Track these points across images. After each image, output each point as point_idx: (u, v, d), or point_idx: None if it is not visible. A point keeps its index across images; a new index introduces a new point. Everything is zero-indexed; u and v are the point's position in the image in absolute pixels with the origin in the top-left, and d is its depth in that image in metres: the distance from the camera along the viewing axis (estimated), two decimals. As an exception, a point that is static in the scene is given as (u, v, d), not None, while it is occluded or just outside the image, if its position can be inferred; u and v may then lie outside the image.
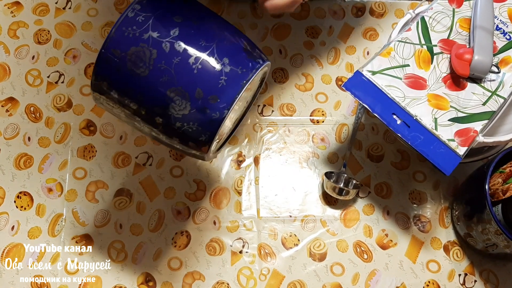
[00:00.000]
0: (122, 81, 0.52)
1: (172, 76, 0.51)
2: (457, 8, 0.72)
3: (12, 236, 0.74)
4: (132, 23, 0.51)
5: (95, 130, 0.81)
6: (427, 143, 0.62)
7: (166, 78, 0.51)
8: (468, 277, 0.74)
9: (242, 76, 0.52)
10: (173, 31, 0.51)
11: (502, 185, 0.66)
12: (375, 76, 0.65)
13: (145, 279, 0.73)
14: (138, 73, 0.51)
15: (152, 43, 0.51)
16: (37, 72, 0.84)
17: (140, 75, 0.51)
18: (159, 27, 0.51)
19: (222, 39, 0.53)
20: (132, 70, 0.51)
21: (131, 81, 0.52)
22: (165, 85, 0.51)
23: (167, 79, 0.51)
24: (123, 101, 0.54)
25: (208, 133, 0.53)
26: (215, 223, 0.76)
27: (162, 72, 0.51)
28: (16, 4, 0.89)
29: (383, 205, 0.78)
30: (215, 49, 0.52)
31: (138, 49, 0.51)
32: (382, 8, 0.91)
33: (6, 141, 0.79)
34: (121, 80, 0.52)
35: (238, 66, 0.52)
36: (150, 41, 0.51)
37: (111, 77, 0.53)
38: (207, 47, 0.52)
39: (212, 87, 0.51)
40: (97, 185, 0.78)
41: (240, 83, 0.52)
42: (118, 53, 0.51)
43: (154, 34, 0.51)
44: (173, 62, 0.51)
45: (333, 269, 0.74)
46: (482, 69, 0.65)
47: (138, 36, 0.51)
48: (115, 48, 0.51)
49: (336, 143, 0.82)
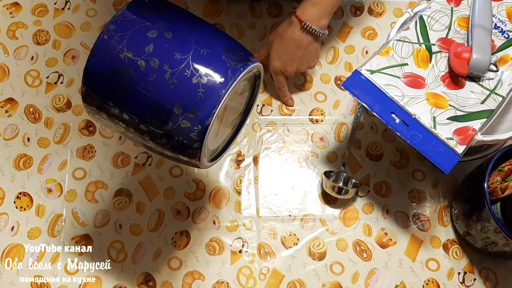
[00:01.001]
0: (107, 102, 0.53)
1: (150, 94, 0.51)
2: (456, 7, 0.72)
3: (12, 236, 0.74)
4: (108, 45, 0.51)
5: (95, 131, 0.81)
6: (426, 141, 0.62)
7: (144, 96, 0.51)
8: (468, 275, 0.75)
9: (221, 86, 0.51)
10: (148, 47, 0.51)
11: (501, 183, 0.66)
12: (373, 75, 0.65)
13: (145, 279, 0.73)
14: (119, 93, 0.52)
15: (128, 62, 0.51)
16: (36, 73, 0.84)
17: (121, 94, 0.52)
18: (134, 45, 0.51)
19: (199, 49, 0.52)
20: (113, 91, 0.52)
21: (115, 101, 0.52)
22: (145, 103, 0.51)
23: (146, 97, 0.51)
24: (111, 119, 0.54)
25: (195, 146, 0.52)
26: (215, 222, 0.76)
27: (141, 90, 0.51)
28: (15, 5, 0.89)
29: (383, 204, 0.78)
30: (191, 61, 0.51)
31: (116, 69, 0.51)
32: (380, 7, 0.91)
33: (5, 142, 0.80)
34: (105, 101, 0.53)
35: (216, 75, 0.51)
36: (126, 61, 0.51)
37: (96, 97, 0.53)
38: (182, 60, 0.51)
39: (190, 101, 0.50)
40: (96, 185, 0.78)
41: (219, 93, 0.51)
42: (99, 75, 0.52)
43: (129, 54, 0.51)
44: (150, 80, 0.51)
45: (332, 268, 0.74)
46: (480, 67, 0.65)
47: (115, 57, 0.51)
48: (96, 71, 0.52)
49: (335, 142, 0.82)
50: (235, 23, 0.88)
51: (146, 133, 0.53)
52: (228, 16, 0.89)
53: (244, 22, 0.88)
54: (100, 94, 0.53)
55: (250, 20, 0.89)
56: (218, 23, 0.89)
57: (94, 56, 0.52)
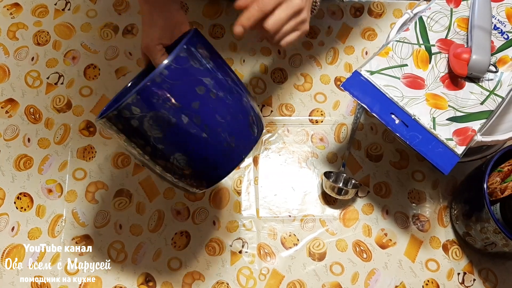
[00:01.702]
0: (134, 134, 0.53)
1: (183, 143, 0.54)
2: (455, 8, 0.72)
3: (12, 237, 0.74)
4: (158, 89, 0.51)
5: (95, 131, 0.81)
6: (425, 142, 0.62)
7: (177, 144, 0.54)
8: (467, 276, 0.75)
9: (242, 151, 0.57)
10: (194, 104, 0.53)
11: (500, 184, 0.66)
12: (373, 76, 0.65)
13: (145, 279, 0.73)
14: (150, 134, 0.53)
15: (173, 112, 0.52)
16: (36, 73, 0.84)
17: (153, 136, 0.53)
18: (182, 98, 0.52)
19: (235, 115, 0.56)
20: (146, 130, 0.52)
21: (142, 137, 0.53)
22: (175, 149, 0.54)
23: (178, 145, 0.54)
24: (129, 144, 0.55)
25: (201, 188, 0.58)
26: (215, 223, 0.76)
27: (175, 138, 0.53)
28: (15, 6, 0.89)
29: (382, 204, 0.78)
30: (226, 126, 0.55)
31: (159, 113, 0.52)
32: (380, 8, 0.91)
33: (6, 142, 0.80)
34: (132, 133, 0.53)
35: (241, 143, 0.57)
36: (172, 110, 0.52)
37: (126, 124, 0.53)
38: (220, 124, 0.54)
39: (216, 159, 0.55)
40: (96, 186, 0.78)
41: (239, 159, 0.57)
42: (137, 112, 0.52)
43: (176, 105, 0.52)
44: (189, 132, 0.53)
45: (332, 269, 0.74)
46: (480, 68, 0.65)
47: (162, 103, 0.51)
48: (135, 107, 0.51)
49: (335, 143, 0.82)
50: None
51: (161, 166, 0.55)
52: (228, 16, 0.89)
53: (244, 23, 0.88)
54: (131, 126, 0.53)
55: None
56: (218, 24, 0.89)
57: (141, 94, 0.51)
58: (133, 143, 0.54)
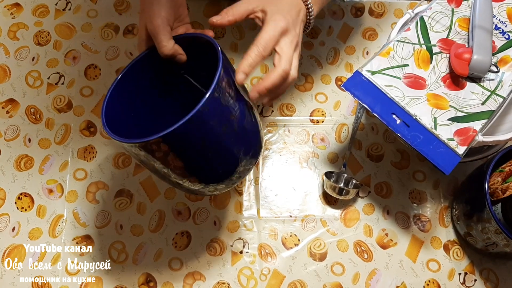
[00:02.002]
0: (157, 159, 0.54)
1: (199, 169, 0.57)
2: (456, 7, 0.72)
3: (13, 237, 0.74)
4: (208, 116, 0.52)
5: (95, 131, 0.81)
6: (426, 142, 0.62)
7: (195, 169, 0.57)
8: (468, 276, 0.75)
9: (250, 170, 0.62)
10: (221, 137, 0.55)
11: (502, 184, 0.66)
12: (374, 76, 0.65)
13: (146, 280, 0.73)
14: (172, 163, 0.54)
15: (202, 146, 0.54)
16: (37, 74, 0.84)
17: (174, 164, 0.55)
18: (220, 127, 0.54)
19: (247, 150, 0.59)
20: (169, 161, 0.54)
21: (164, 163, 0.54)
22: (191, 173, 0.56)
23: (197, 170, 0.57)
24: (148, 163, 0.56)
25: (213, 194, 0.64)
26: (216, 223, 0.76)
27: (195, 163, 0.56)
28: (16, 6, 0.89)
29: (383, 204, 0.78)
30: (239, 160, 0.58)
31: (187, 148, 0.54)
32: (381, 8, 0.91)
33: (6, 143, 0.80)
34: (156, 159, 0.54)
35: (247, 171, 0.61)
36: (201, 145, 0.54)
37: (150, 153, 0.53)
38: (237, 159, 0.58)
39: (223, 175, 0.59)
40: (97, 186, 0.78)
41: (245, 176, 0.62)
42: (166, 148, 0.52)
43: (206, 141, 0.54)
44: (208, 160, 0.56)
45: (333, 269, 0.74)
46: (481, 68, 0.65)
47: (195, 139, 0.53)
48: (167, 143, 0.52)
49: (336, 143, 0.82)
50: (236, 24, 0.88)
51: (173, 183, 0.59)
52: (229, 16, 0.89)
53: (245, 23, 0.88)
54: (158, 154, 0.53)
55: (250, 21, 0.88)
56: (219, 24, 0.89)
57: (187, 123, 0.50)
58: (151, 165, 0.56)
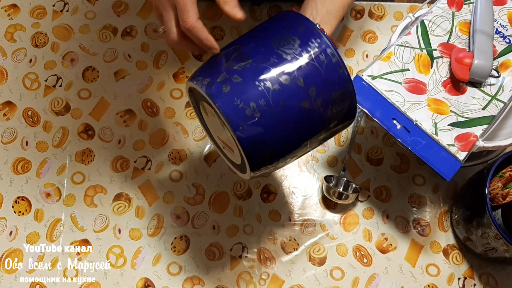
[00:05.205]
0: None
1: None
2: (457, 11, 0.71)
3: (11, 241, 0.74)
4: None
5: (93, 134, 0.80)
6: (427, 148, 0.62)
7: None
8: (468, 280, 0.74)
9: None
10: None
11: (502, 190, 0.66)
12: (375, 80, 0.65)
13: (145, 284, 0.73)
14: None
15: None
16: (34, 76, 0.84)
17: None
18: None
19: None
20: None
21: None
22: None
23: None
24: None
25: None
26: (215, 227, 0.76)
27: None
28: (13, 7, 0.88)
29: (383, 209, 0.78)
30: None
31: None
32: (381, 11, 0.91)
33: (3, 146, 0.79)
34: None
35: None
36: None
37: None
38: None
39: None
40: (95, 190, 0.77)
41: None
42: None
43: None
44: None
45: (332, 274, 0.74)
46: (482, 73, 0.65)
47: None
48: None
49: (336, 146, 0.82)
50: (235, 26, 0.88)
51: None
52: (228, 19, 0.88)
53: (244, 25, 0.88)
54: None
55: (250, 23, 0.88)
56: (218, 26, 0.88)
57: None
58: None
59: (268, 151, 0.51)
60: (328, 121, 0.53)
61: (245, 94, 0.49)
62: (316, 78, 0.50)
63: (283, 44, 0.51)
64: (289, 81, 0.50)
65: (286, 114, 0.50)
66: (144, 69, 0.84)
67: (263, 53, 0.51)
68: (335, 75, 0.51)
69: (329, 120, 0.53)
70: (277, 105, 0.49)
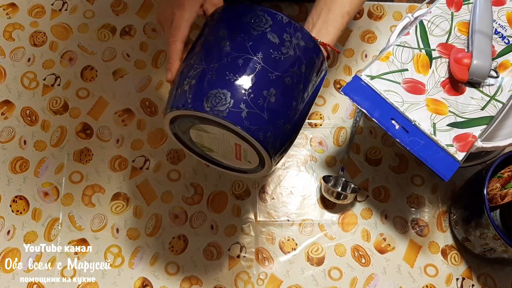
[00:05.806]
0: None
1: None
2: (456, 12, 0.71)
3: (8, 240, 0.74)
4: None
5: (92, 134, 0.80)
6: (425, 148, 0.62)
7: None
8: (466, 281, 0.74)
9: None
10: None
11: (501, 190, 0.66)
12: (373, 80, 0.65)
13: (142, 284, 0.72)
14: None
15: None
16: (33, 75, 0.83)
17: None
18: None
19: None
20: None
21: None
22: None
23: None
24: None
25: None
26: (213, 227, 0.76)
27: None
28: (11, 6, 0.88)
29: (381, 209, 0.78)
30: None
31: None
32: (380, 11, 0.91)
33: (1, 145, 0.79)
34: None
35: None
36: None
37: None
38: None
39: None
40: (93, 189, 0.77)
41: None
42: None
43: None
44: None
45: (331, 274, 0.74)
46: (481, 73, 0.65)
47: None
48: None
49: (334, 146, 0.81)
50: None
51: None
52: (227, 18, 0.88)
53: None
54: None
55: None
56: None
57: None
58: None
59: (278, 125, 0.55)
60: (299, 60, 0.57)
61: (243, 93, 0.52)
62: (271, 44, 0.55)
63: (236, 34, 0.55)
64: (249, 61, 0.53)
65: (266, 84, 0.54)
66: (142, 69, 0.84)
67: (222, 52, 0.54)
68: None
69: (299, 59, 0.57)
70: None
